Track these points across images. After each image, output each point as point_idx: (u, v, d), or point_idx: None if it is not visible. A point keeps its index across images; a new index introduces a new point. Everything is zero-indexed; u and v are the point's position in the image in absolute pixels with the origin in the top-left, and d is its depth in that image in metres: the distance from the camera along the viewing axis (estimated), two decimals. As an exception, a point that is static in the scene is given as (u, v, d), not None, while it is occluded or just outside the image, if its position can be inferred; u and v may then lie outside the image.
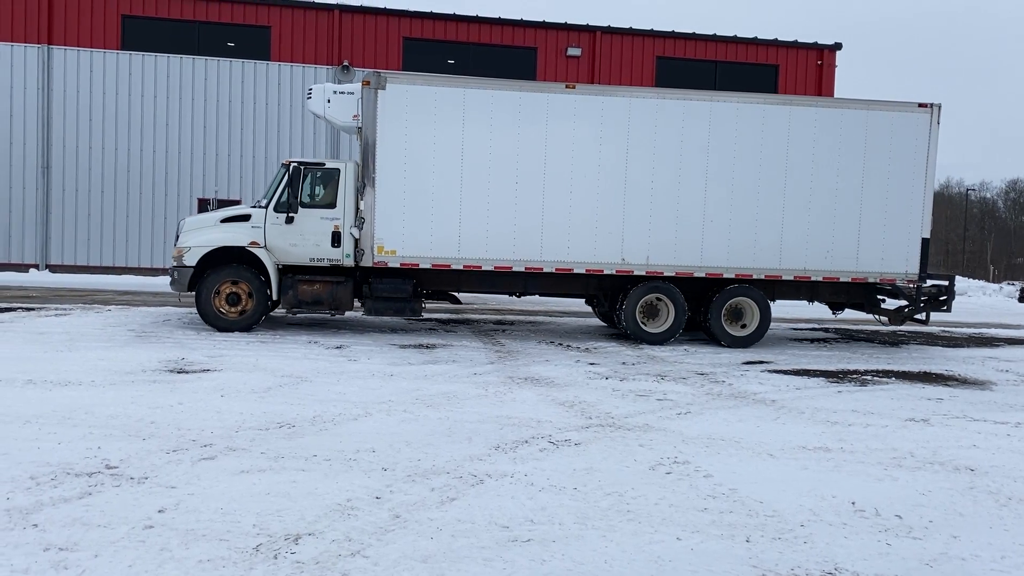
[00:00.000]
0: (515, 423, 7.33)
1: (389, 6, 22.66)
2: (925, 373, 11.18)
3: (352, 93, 12.57)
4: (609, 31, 23.64)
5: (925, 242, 13.15)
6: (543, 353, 11.49)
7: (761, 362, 11.57)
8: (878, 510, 5.30)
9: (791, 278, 12.90)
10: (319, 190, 12.32)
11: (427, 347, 11.57)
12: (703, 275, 12.68)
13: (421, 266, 12.21)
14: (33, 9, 20.92)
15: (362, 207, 12.09)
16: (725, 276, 12.72)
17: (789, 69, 24.54)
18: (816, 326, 16.59)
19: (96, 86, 21.50)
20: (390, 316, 12.70)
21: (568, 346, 12.26)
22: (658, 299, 12.73)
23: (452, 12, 22.90)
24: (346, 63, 22.10)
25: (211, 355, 10.16)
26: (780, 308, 14.50)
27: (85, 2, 21.25)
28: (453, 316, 15.72)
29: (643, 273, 12.56)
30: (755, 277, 12.81)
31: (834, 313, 14.46)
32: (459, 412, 7.69)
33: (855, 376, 10.71)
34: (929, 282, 13.38)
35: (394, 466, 5.90)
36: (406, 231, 12.12)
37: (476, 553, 4.41)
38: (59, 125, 21.48)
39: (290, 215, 12.03)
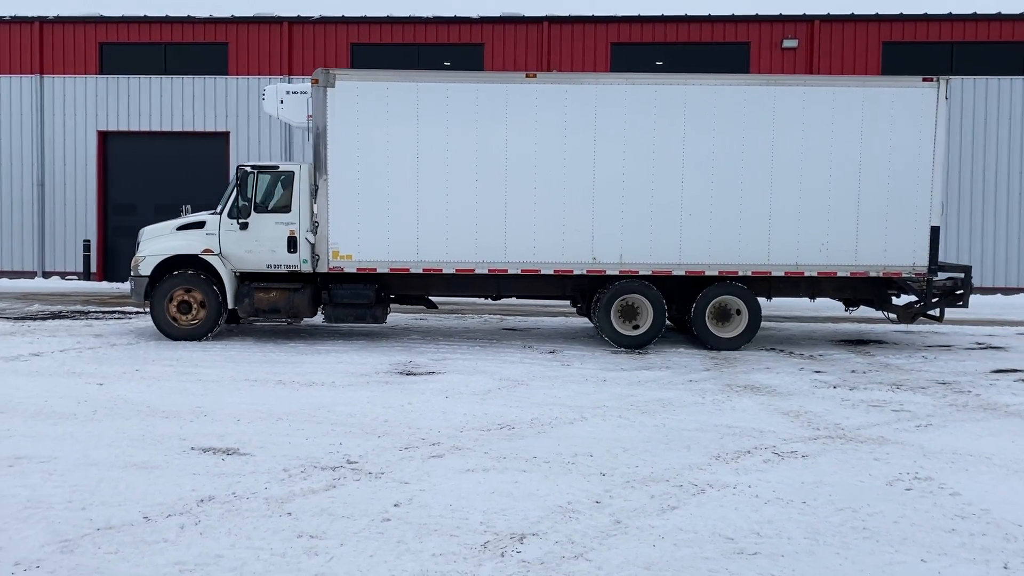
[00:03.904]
0: (736, 432, 7.11)
1: (597, 13, 22.83)
2: None
3: (305, 93, 12.19)
4: (828, 19, 22.35)
5: (935, 230, 11.59)
6: (762, 360, 11.05)
7: (1014, 370, 10.43)
8: None
9: (782, 274, 11.75)
10: (274, 194, 11.88)
11: (639, 353, 11.50)
12: (682, 273, 11.71)
13: (379, 270, 11.72)
14: (277, 46, 23.12)
15: (316, 210, 11.68)
16: (707, 274, 11.70)
17: (1041, 44, 21.99)
18: (1080, 331, 14.70)
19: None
20: (350, 323, 12.31)
21: (791, 353, 11.70)
22: (635, 300, 11.82)
23: (660, 13, 22.66)
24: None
25: (435, 358, 10.70)
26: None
27: (320, 34, 23.17)
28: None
29: (616, 272, 11.70)
30: (741, 274, 11.73)
31: (847, 310, 13.08)
32: (675, 419, 7.57)
33: None
34: (942, 275, 11.81)
35: (612, 471, 5.91)
36: (362, 234, 11.61)
37: (700, 564, 4.33)
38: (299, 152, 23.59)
39: (243, 220, 11.64)
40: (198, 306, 11.81)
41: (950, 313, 12.28)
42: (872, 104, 11.54)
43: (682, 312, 12.19)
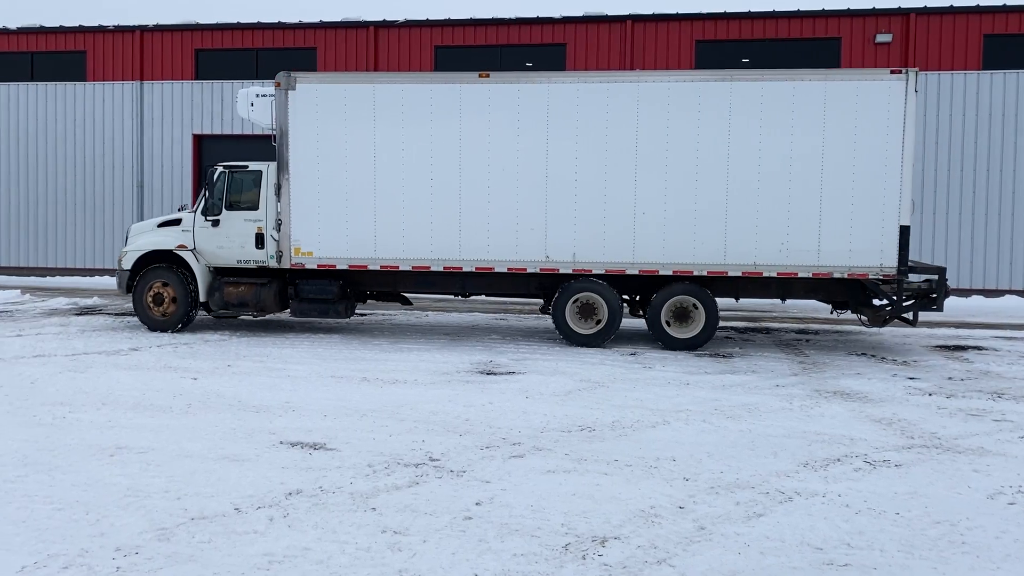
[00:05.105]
0: (824, 439, 6.90)
1: (681, 11, 22.52)
2: None
3: (272, 95, 12.45)
4: (925, 12, 21.48)
5: (904, 230, 10.98)
6: (853, 365, 10.70)
7: None
8: None
9: (739, 274, 11.35)
10: (244, 192, 12.39)
11: (723, 356, 11.28)
12: (636, 272, 11.54)
13: (338, 267, 12.04)
14: (363, 50, 23.64)
15: (279, 209, 12.08)
16: (661, 273, 11.50)
17: None
18: None
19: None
20: (315, 318, 12.71)
21: (883, 358, 11.29)
22: (591, 298, 11.66)
23: (747, 10, 22.20)
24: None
25: (515, 358, 10.73)
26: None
27: (404, 37, 23.59)
28: (750, 324, 15.17)
29: (570, 271, 11.64)
30: (696, 273, 11.43)
31: (832, 312, 12.55)
32: (761, 425, 7.40)
33: None
34: (915, 276, 11.26)
35: (696, 476, 5.82)
36: (322, 232, 11.98)
37: (788, 574, 4.21)
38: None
39: (214, 218, 12.29)
40: (170, 299, 12.49)
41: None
42: (835, 98, 11.12)
43: (644, 311, 12.12)
